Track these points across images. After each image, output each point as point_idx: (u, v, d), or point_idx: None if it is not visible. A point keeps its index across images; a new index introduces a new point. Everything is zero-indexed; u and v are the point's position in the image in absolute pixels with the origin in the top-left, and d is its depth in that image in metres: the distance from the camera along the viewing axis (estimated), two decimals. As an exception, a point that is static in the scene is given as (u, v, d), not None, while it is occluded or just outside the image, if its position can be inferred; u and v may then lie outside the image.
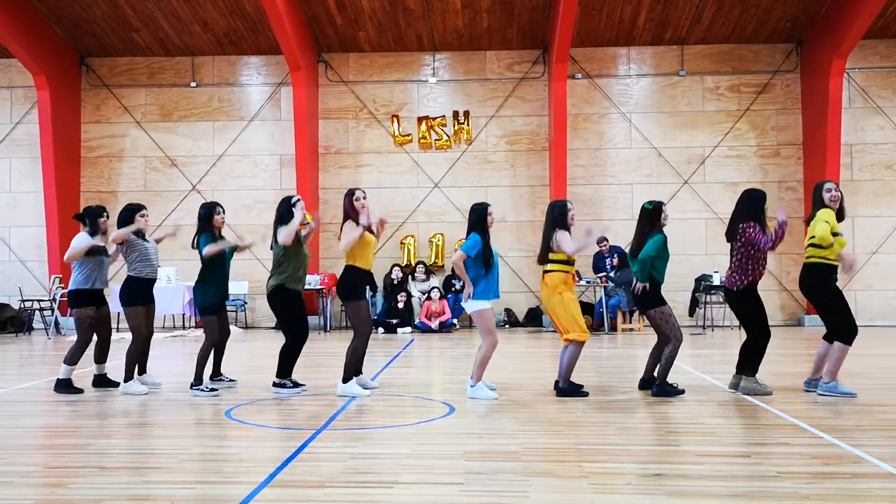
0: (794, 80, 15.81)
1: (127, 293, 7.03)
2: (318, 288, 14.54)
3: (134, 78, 16.54)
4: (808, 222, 6.57)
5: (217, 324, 7.06)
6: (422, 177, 16.18)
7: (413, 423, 5.50)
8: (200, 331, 14.50)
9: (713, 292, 14.24)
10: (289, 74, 15.36)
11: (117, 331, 11.92)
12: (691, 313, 14.90)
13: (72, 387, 7.01)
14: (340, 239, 6.72)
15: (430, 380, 7.91)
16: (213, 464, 4.48)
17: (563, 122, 15.01)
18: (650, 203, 6.86)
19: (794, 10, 14.78)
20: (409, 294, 14.92)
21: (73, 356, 7.05)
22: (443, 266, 15.93)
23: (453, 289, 15.10)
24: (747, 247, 6.46)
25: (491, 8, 14.80)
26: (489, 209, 6.58)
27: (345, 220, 6.75)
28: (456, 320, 14.73)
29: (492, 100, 16.20)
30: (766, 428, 5.20)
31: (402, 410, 6.09)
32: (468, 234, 6.55)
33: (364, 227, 6.63)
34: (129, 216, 7.08)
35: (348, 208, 6.74)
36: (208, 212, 7.16)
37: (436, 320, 14.32)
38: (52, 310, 14.62)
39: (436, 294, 14.67)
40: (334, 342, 12.61)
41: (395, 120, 16.23)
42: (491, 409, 6.04)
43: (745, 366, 6.61)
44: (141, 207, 7.20)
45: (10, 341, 13.39)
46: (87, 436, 5.21)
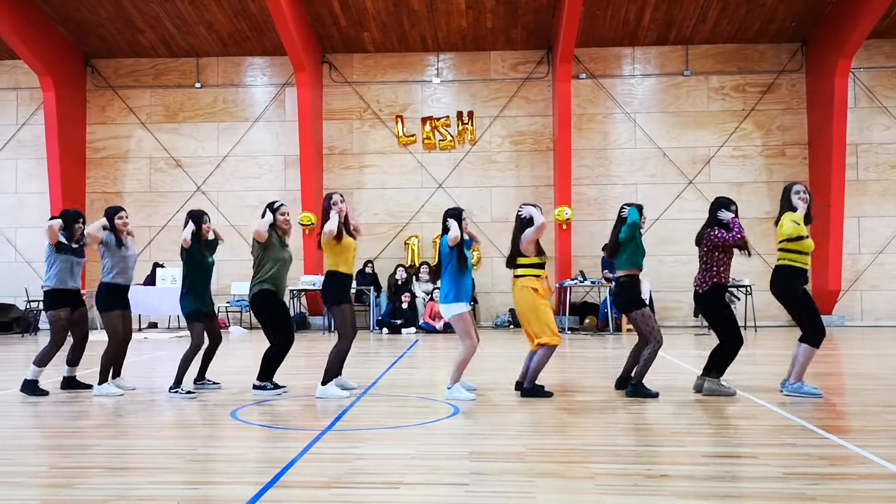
0: (800, 80, 15.77)
1: (102, 299, 7.03)
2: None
3: (139, 79, 16.57)
4: (776, 224, 6.57)
5: (202, 330, 7.02)
6: (426, 177, 16.18)
7: (418, 423, 5.49)
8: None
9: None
10: (293, 75, 15.38)
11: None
12: (696, 314, 14.84)
13: (38, 388, 6.94)
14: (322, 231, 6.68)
15: (435, 380, 7.90)
16: (218, 464, 4.48)
17: (568, 122, 14.99)
18: (631, 205, 6.90)
19: (799, 10, 14.75)
20: (413, 294, 14.92)
21: (44, 358, 6.99)
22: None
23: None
24: (711, 249, 6.50)
25: (495, 8, 14.79)
26: (463, 214, 6.68)
27: (324, 221, 6.76)
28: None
29: (496, 100, 16.19)
30: (772, 429, 5.18)
31: (407, 411, 6.09)
32: (443, 237, 6.64)
33: (339, 223, 6.64)
34: (108, 217, 7.07)
35: (326, 209, 6.77)
36: (195, 219, 7.08)
37: (440, 321, 14.31)
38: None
39: (438, 294, 14.65)
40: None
41: (399, 120, 16.24)
42: (495, 410, 6.03)
43: (710, 368, 6.64)
44: (119, 210, 7.18)
45: (15, 342, 13.42)
46: (93, 436, 5.22)
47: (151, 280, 14.84)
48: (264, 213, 6.98)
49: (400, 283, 15.13)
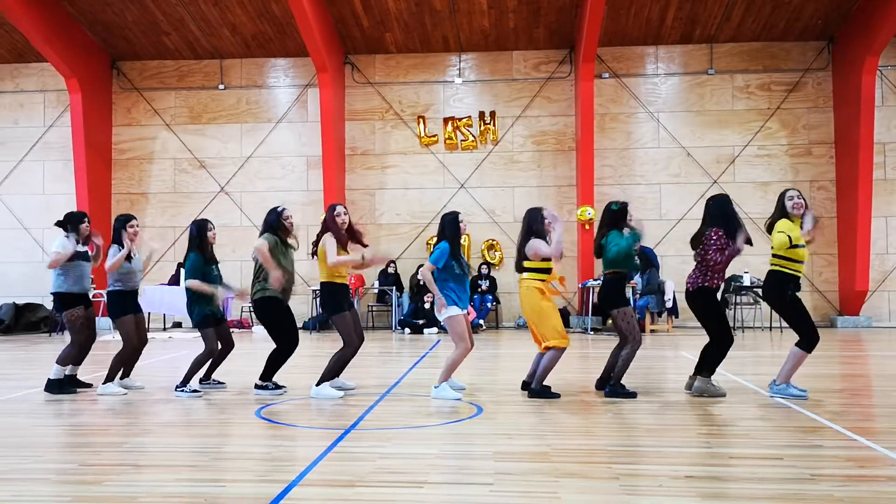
0: (826, 78, 15.59)
1: (113, 307, 7.10)
2: (346, 288, 14.57)
3: (164, 81, 16.74)
4: (770, 229, 6.47)
5: (214, 336, 7.07)
6: (448, 177, 16.20)
7: (442, 423, 5.50)
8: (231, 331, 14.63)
9: (743, 293, 14.09)
10: (316, 76, 15.46)
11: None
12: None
13: (64, 387, 7.06)
14: (326, 252, 6.70)
15: (458, 380, 7.89)
16: (244, 462, 4.52)
17: (591, 121, 14.94)
18: (616, 203, 6.90)
19: (825, 7, 14.58)
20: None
21: (67, 357, 7.10)
22: (469, 266, 15.91)
23: (479, 289, 15.10)
24: (706, 250, 6.44)
25: (517, 8, 14.77)
26: (460, 217, 6.68)
27: (323, 232, 6.79)
28: (482, 321, 14.72)
29: (518, 100, 16.17)
30: (799, 430, 5.13)
31: (430, 411, 6.09)
32: (437, 242, 6.63)
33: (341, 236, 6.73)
34: (120, 226, 7.14)
35: (329, 221, 6.80)
36: (200, 229, 7.08)
37: (462, 321, 14.29)
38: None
39: (459, 295, 14.64)
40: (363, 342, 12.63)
41: (421, 121, 16.27)
42: (519, 410, 6.03)
43: (702, 367, 6.60)
44: (130, 218, 7.24)
45: (43, 341, 13.60)
46: (122, 434, 5.29)
47: (176, 280, 14.98)
48: (268, 217, 6.98)
49: (422, 283, 15.14)
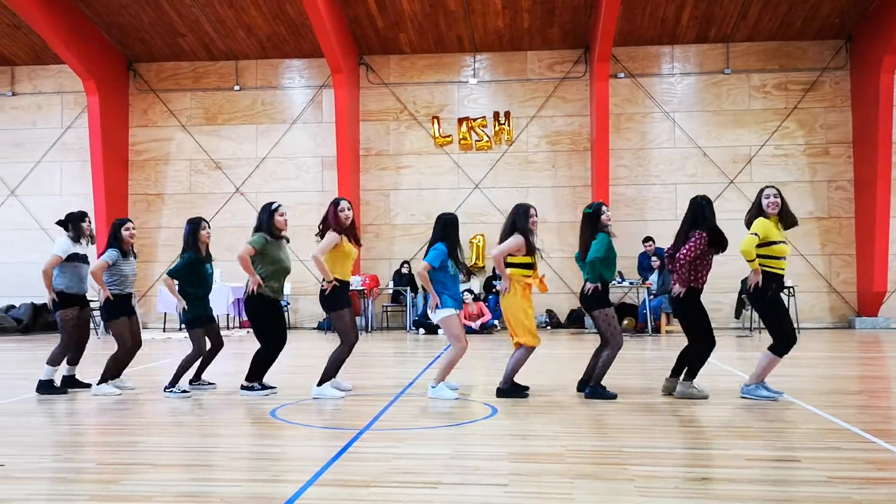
0: (844, 77, 15.46)
1: (107, 309, 7.12)
2: (360, 289, 14.62)
3: (179, 82, 16.84)
4: (748, 225, 6.40)
5: (203, 336, 7.09)
6: (462, 178, 16.19)
7: (456, 424, 5.50)
8: (245, 331, 14.72)
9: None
10: (330, 77, 15.49)
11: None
12: (737, 315, 14.67)
13: (54, 387, 7.09)
14: (319, 246, 6.72)
15: (472, 381, 7.90)
16: (259, 462, 4.54)
17: (606, 121, 14.89)
18: (589, 207, 6.88)
19: (843, 6, 14.46)
20: (450, 295, 14.90)
21: (56, 358, 7.13)
22: (483, 267, 15.92)
23: (494, 290, 15.07)
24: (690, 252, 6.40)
25: (532, 8, 14.74)
26: (457, 220, 6.74)
27: (325, 227, 6.79)
28: (497, 321, 14.70)
29: (533, 100, 16.14)
30: (816, 432, 5.09)
31: (445, 412, 6.09)
32: (432, 243, 6.65)
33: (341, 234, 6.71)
34: (116, 228, 7.20)
35: (331, 217, 6.79)
36: (194, 228, 7.09)
37: (477, 321, 14.30)
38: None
39: (469, 297, 14.62)
40: (377, 343, 12.68)
41: (436, 121, 16.27)
42: (534, 411, 6.02)
43: (679, 370, 6.58)
44: (126, 221, 7.28)
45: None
46: (138, 433, 5.32)
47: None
48: (261, 212, 6.96)
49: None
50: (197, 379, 7.38)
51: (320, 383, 6.74)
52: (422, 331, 14.44)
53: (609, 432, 5.18)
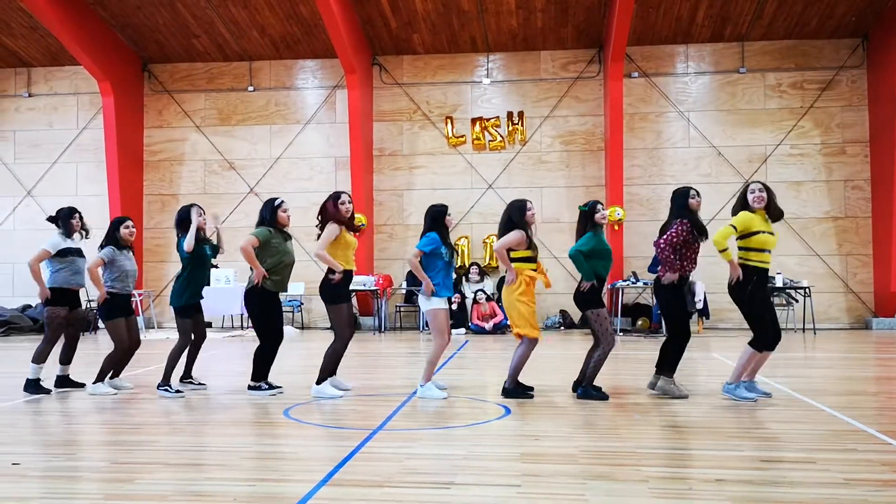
0: (860, 76, 15.33)
1: (105, 308, 7.10)
2: (373, 289, 14.63)
3: (194, 83, 16.92)
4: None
5: (191, 326, 7.10)
6: (475, 178, 16.18)
7: (469, 424, 5.49)
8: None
9: (776, 294, 13.88)
10: (344, 77, 15.52)
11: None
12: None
13: (40, 387, 7.04)
14: (321, 240, 6.73)
15: (485, 381, 7.88)
16: (272, 462, 4.54)
17: (620, 121, 14.84)
18: (585, 205, 6.83)
19: (859, 5, 14.34)
20: (463, 295, 14.93)
21: (41, 354, 7.07)
22: (497, 267, 15.89)
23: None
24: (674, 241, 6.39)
25: (545, 7, 14.71)
26: (447, 211, 6.81)
27: (325, 222, 6.80)
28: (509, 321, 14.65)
29: (546, 100, 16.10)
30: (832, 433, 5.04)
31: (457, 412, 6.08)
32: (423, 234, 6.72)
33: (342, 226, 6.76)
34: (114, 227, 7.22)
35: (332, 210, 6.81)
36: (185, 213, 7.14)
37: (490, 322, 14.28)
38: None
39: (482, 297, 14.60)
40: (389, 343, 12.69)
41: (449, 121, 16.27)
42: (547, 411, 6.00)
43: (663, 365, 6.54)
44: (125, 219, 7.29)
45: (77, 340, 13.76)
46: (152, 433, 5.34)
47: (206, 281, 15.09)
48: (263, 208, 7.03)
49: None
50: (187, 377, 7.35)
51: (319, 381, 6.73)
52: (435, 331, 14.41)
53: (622, 433, 5.15)
